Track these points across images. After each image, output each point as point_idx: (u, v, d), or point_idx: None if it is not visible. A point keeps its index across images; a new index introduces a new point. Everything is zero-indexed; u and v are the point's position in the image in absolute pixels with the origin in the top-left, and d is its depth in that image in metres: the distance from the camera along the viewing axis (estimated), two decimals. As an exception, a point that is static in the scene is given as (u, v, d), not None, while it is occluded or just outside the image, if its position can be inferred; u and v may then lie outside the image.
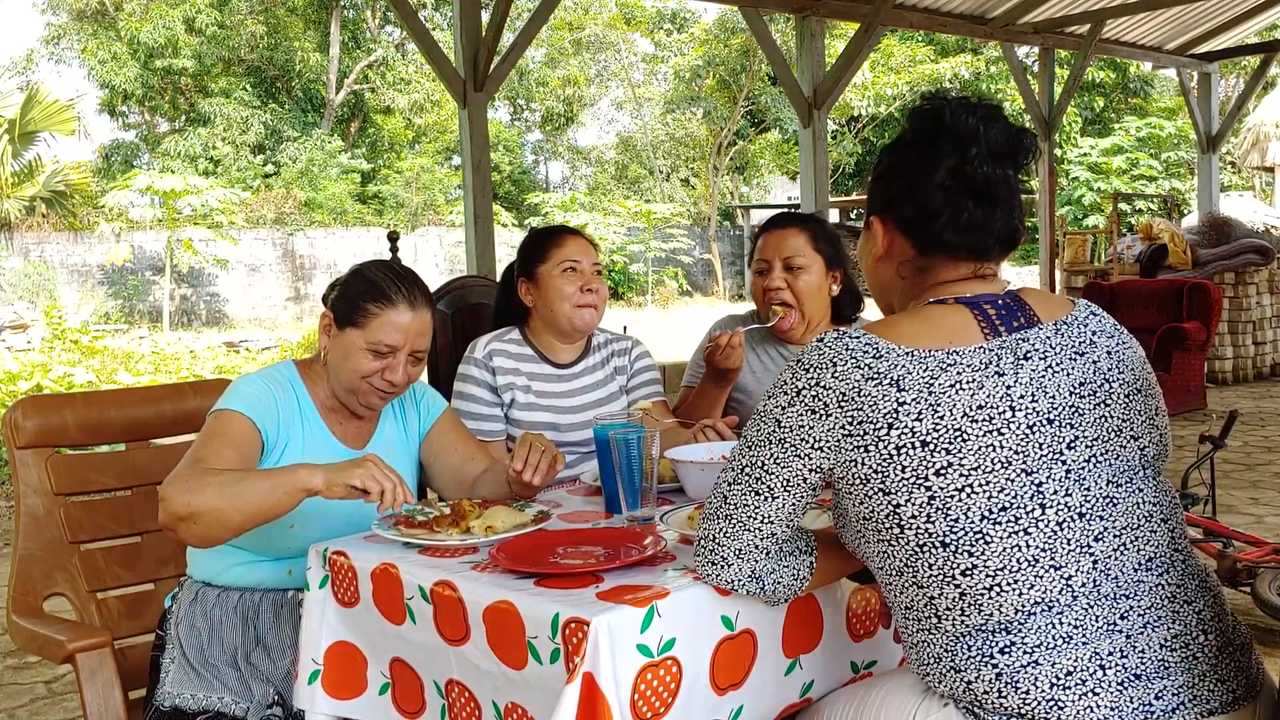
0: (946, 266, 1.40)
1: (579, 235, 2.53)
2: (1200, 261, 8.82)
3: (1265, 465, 5.84)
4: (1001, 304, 1.37)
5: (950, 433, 1.26)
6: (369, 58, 25.37)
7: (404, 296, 1.93)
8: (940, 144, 1.36)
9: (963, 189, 1.36)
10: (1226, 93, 22.09)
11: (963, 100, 1.37)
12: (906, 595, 1.34)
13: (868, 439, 1.28)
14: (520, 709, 1.42)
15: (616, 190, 26.49)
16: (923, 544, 1.29)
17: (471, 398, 2.42)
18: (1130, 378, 1.38)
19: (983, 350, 1.31)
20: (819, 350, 1.33)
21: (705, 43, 24.78)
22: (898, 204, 1.41)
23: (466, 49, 6.42)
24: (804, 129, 8.30)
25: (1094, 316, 1.41)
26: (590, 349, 2.57)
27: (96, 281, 18.46)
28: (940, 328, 1.33)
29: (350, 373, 1.92)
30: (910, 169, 1.39)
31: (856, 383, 1.28)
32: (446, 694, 1.53)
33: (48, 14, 24.91)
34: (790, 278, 2.48)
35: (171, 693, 1.85)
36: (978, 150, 1.35)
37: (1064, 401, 1.31)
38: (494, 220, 6.85)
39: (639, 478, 1.76)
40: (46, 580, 2.01)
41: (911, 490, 1.27)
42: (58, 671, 3.40)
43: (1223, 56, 12.11)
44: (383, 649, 1.64)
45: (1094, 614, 1.28)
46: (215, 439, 1.80)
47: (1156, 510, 1.36)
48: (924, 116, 1.40)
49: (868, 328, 1.35)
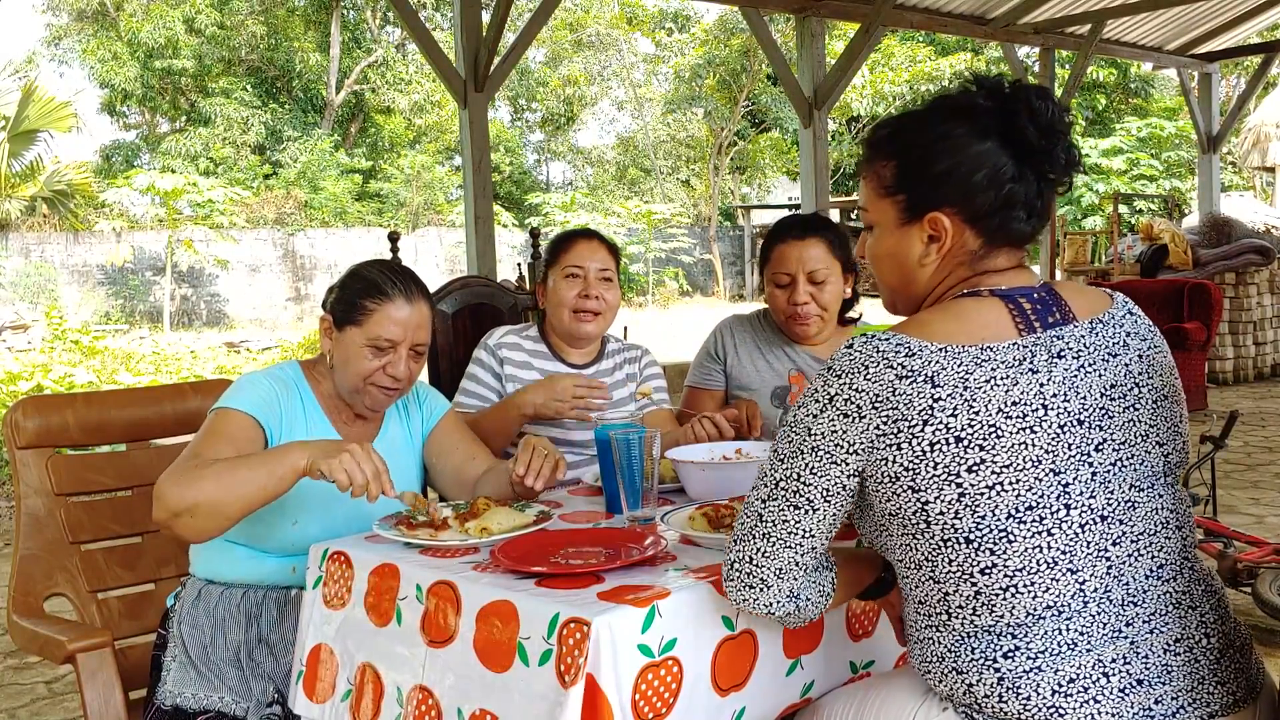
0: (1003, 256, 1.37)
1: (592, 239, 2.51)
2: (1201, 262, 8.81)
3: (1266, 465, 5.84)
4: (1037, 298, 1.35)
5: (985, 428, 1.24)
6: (369, 58, 25.36)
7: (400, 291, 1.93)
8: (1027, 134, 1.31)
9: (1040, 176, 1.33)
10: (1227, 93, 22.09)
11: (1027, 85, 1.34)
12: (922, 589, 1.33)
13: (901, 436, 1.26)
14: (490, 715, 1.41)
15: (617, 190, 26.48)
16: (947, 539, 1.27)
17: (475, 378, 2.47)
18: (1159, 383, 1.37)
19: (1017, 346, 1.29)
20: (849, 356, 1.30)
21: (706, 43, 24.77)
22: (976, 196, 1.34)
23: (467, 49, 6.42)
24: (804, 129, 8.31)
25: (1130, 316, 1.39)
26: (605, 354, 2.58)
27: (97, 281, 18.45)
28: (973, 323, 1.31)
29: (354, 374, 1.93)
30: (990, 160, 1.32)
31: (890, 382, 1.26)
32: (408, 701, 1.53)
33: (48, 14, 24.93)
34: (815, 290, 2.47)
35: (173, 691, 1.85)
36: (1061, 138, 1.32)
37: (1094, 403, 1.30)
38: (494, 220, 6.85)
39: (639, 478, 1.76)
40: (47, 580, 2.01)
41: (942, 487, 1.25)
42: (58, 671, 3.40)
43: (1223, 56, 12.11)
44: (355, 653, 1.63)
45: (1101, 620, 1.27)
46: (213, 436, 1.80)
47: (1173, 517, 1.35)
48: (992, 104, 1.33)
49: (897, 328, 1.32)
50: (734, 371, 2.60)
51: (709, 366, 2.64)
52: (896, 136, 1.40)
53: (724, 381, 2.62)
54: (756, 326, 2.64)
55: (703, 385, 2.64)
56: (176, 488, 1.64)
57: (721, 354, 2.62)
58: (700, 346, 2.69)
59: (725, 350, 2.62)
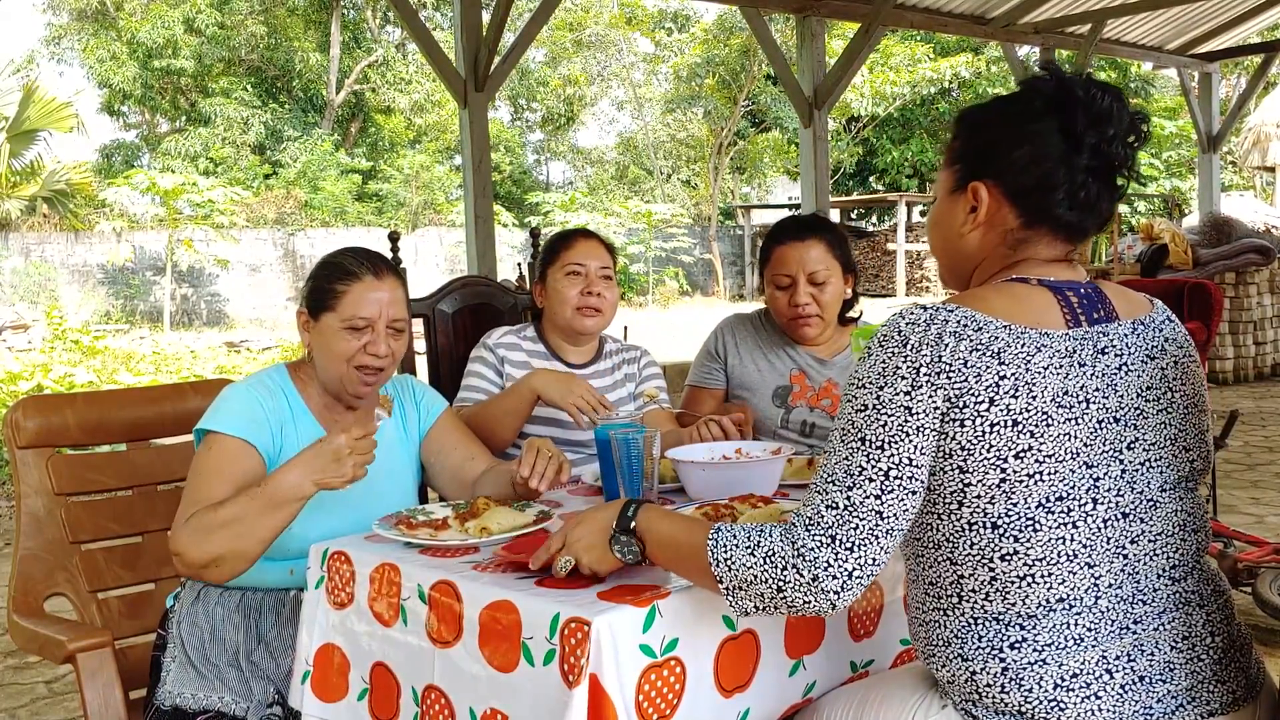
0: (1044, 243, 1.37)
1: (591, 238, 2.54)
2: (1201, 261, 8.81)
3: (1266, 465, 5.84)
4: (1084, 293, 1.35)
5: (1038, 415, 1.24)
6: (369, 58, 25.37)
7: (368, 269, 1.94)
8: (1076, 119, 1.31)
9: (1088, 167, 1.33)
10: (1227, 92, 22.08)
11: (1090, 76, 1.35)
12: (935, 570, 1.32)
13: (966, 412, 1.24)
14: (500, 714, 1.41)
15: (617, 190, 26.49)
16: (974, 523, 1.27)
17: (477, 374, 2.48)
18: (1190, 390, 1.38)
19: (1068, 337, 1.30)
20: (917, 326, 1.26)
21: (705, 43, 24.77)
22: (1016, 172, 1.34)
23: (467, 49, 6.42)
24: (805, 129, 8.31)
25: (1169, 323, 1.41)
26: (603, 354, 2.59)
27: (97, 281, 18.46)
28: (1028, 307, 1.31)
29: (335, 359, 1.92)
30: (1037, 139, 1.33)
31: (963, 354, 1.24)
32: (422, 700, 1.53)
33: (48, 14, 24.94)
34: (816, 291, 2.48)
35: (172, 692, 1.85)
36: (1114, 131, 1.32)
37: (1131, 402, 1.31)
38: (494, 220, 6.85)
39: (640, 478, 1.76)
40: (47, 580, 2.01)
41: (988, 471, 1.24)
42: (58, 671, 3.40)
43: (1223, 56, 12.11)
44: (366, 653, 1.63)
45: (1110, 616, 1.28)
46: (210, 476, 1.80)
47: (1190, 520, 1.36)
48: (1050, 86, 1.34)
49: (957, 299, 1.32)
50: (735, 371, 2.60)
51: (710, 365, 2.64)
52: (969, 114, 1.43)
53: (725, 380, 2.63)
54: (757, 326, 2.64)
55: (703, 384, 2.64)
56: (195, 547, 1.71)
57: (722, 353, 2.63)
58: (701, 346, 2.69)
59: (726, 349, 2.62)
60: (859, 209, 26.09)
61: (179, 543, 1.72)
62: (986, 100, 1.44)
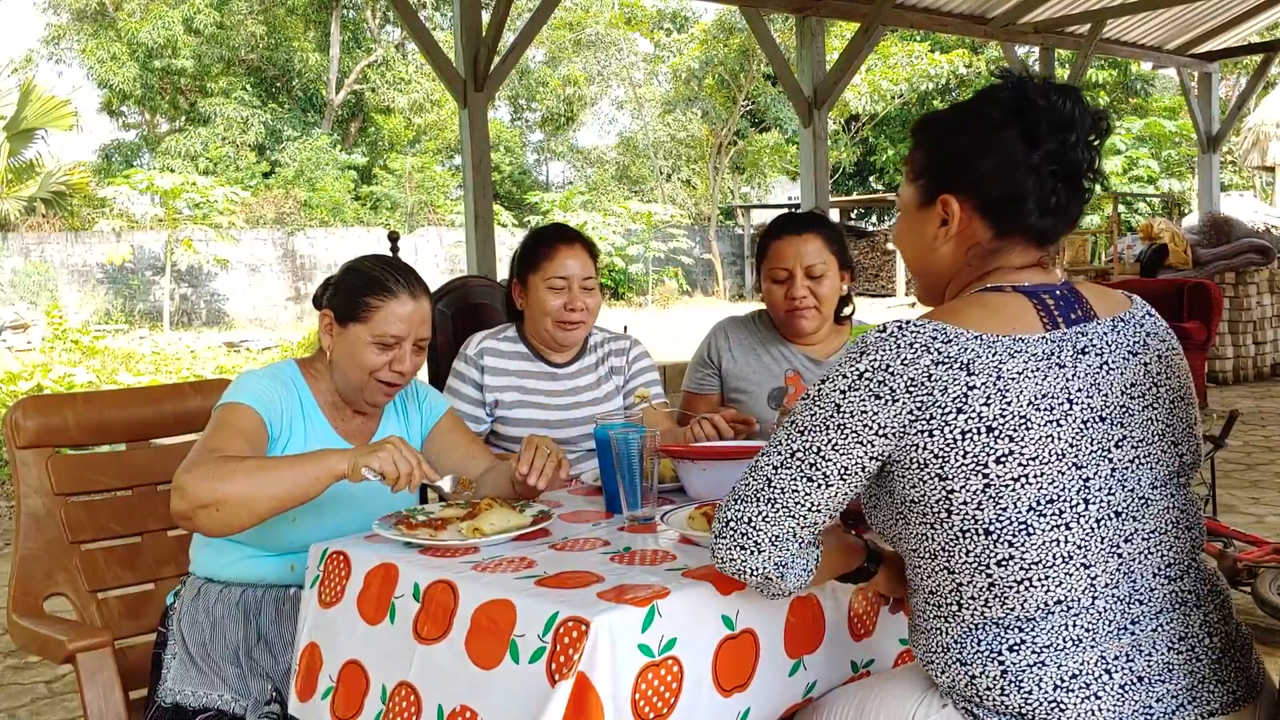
0: (1017, 251, 1.37)
1: (575, 244, 2.50)
2: (1201, 261, 8.82)
3: (1266, 465, 5.84)
4: (1059, 295, 1.36)
5: (1015, 419, 1.25)
6: (369, 58, 25.36)
7: (403, 287, 1.95)
8: (1038, 126, 1.32)
9: (1055, 173, 1.33)
10: (1227, 92, 22.08)
11: (1049, 81, 1.35)
12: (934, 579, 1.33)
13: (934, 423, 1.25)
14: (469, 710, 1.41)
15: (617, 190, 26.48)
16: (966, 530, 1.28)
17: (456, 392, 2.48)
18: (1176, 385, 1.38)
19: (1045, 340, 1.30)
20: (884, 337, 1.29)
21: (705, 43, 24.76)
22: (984, 184, 1.35)
23: (467, 49, 6.42)
24: (804, 129, 8.30)
25: (1150, 317, 1.41)
26: (586, 349, 2.58)
27: (97, 281, 18.45)
28: (1003, 315, 1.32)
29: (358, 370, 1.94)
30: (1002, 149, 1.33)
31: (926, 367, 1.26)
32: (390, 698, 1.53)
33: (48, 14, 24.92)
34: (813, 285, 2.48)
35: (173, 689, 1.85)
36: (1077, 135, 1.32)
37: (1115, 400, 1.31)
38: (494, 220, 6.85)
39: (639, 477, 1.76)
40: (47, 580, 2.01)
41: (969, 476, 1.25)
42: (58, 671, 3.40)
43: (1223, 56, 12.10)
44: (341, 651, 1.63)
45: (1107, 616, 1.28)
46: (225, 429, 1.80)
47: (1183, 517, 1.36)
48: (1009, 95, 1.34)
49: (930, 315, 1.33)
50: (730, 373, 2.60)
51: (703, 371, 2.63)
52: (928, 125, 1.43)
53: (719, 385, 2.62)
54: (752, 327, 2.64)
55: (698, 390, 2.63)
56: (205, 481, 1.64)
57: (716, 358, 2.62)
58: (695, 350, 2.69)
59: (720, 354, 2.61)
60: (858, 209, 26.09)
61: (185, 478, 1.65)
62: (943, 109, 1.44)
